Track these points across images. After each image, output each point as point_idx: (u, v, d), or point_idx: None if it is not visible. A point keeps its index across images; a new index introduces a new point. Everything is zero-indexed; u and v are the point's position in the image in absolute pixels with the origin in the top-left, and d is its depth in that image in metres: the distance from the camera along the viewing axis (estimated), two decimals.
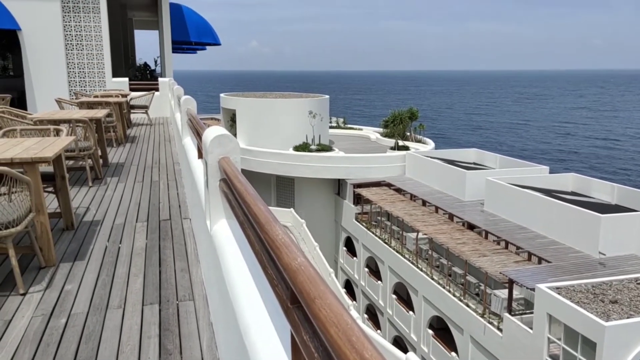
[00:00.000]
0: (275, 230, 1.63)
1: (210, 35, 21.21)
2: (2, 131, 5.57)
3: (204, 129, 4.59)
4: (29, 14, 15.53)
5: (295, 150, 24.84)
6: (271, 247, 1.58)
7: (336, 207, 25.38)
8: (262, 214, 1.83)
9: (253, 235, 2.02)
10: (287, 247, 1.47)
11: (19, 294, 3.63)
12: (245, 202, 2.11)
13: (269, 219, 1.75)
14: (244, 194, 2.18)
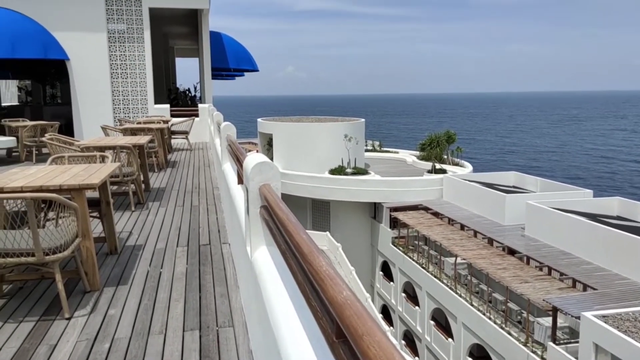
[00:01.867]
0: (319, 262, 1.62)
1: (248, 61, 21.66)
2: (51, 158, 5.78)
3: (244, 156, 4.66)
4: (77, 44, 16.22)
5: (331, 174, 24.90)
6: (315, 279, 1.57)
7: (372, 231, 25.21)
8: (305, 243, 1.83)
9: (295, 264, 2.02)
10: (331, 280, 1.46)
11: (65, 318, 3.71)
12: (287, 230, 2.12)
13: (312, 250, 1.75)
14: (285, 222, 2.18)
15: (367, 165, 27.52)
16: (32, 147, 11.96)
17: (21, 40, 14.89)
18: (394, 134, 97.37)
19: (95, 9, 16.33)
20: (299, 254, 1.83)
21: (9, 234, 3.71)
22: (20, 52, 14.84)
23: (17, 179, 4.31)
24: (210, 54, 18.16)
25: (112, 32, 16.55)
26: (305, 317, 1.99)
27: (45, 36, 15.61)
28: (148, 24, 16.71)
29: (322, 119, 30.38)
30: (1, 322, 3.65)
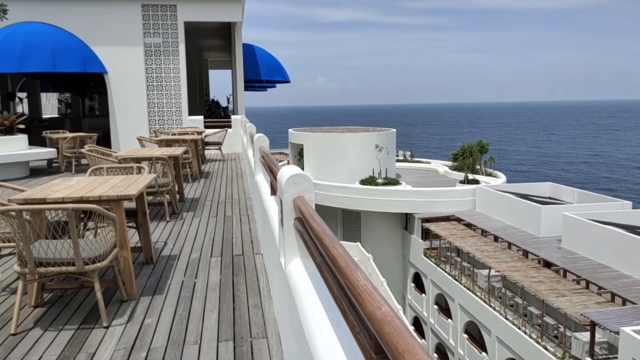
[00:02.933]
0: (356, 276, 1.62)
1: (280, 73, 21.89)
2: (91, 169, 5.94)
3: (278, 167, 4.70)
4: (115, 58, 16.69)
5: (361, 184, 24.84)
6: (352, 293, 1.57)
7: (404, 242, 24.99)
8: (342, 257, 1.84)
9: (331, 278, 2.02)
10: (369, 295, 1.46)
11: (103, 327, 3.79)
12: (322, 243, 2.12)
13: (349, 264, 1.75)
14: (321, 235, 2.19)
15: (398, 175, 27.37)
16: (72, 158, 12.31)
17: (62, 54, 15.40)
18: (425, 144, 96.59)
19: (133, 23, 16.79)
20: (336, 268, 1.83)
21: (51, 244, 3.82)
22: (61, 66, 15.34)
23: (58, 190, 4.44)
24: (243, 65, 18.41)
25: (149, 45, 16.97)
26: (342, 331, 1.98)
27: (85, 50, 16.11)
28: (183, 37, 17.08)
29: (353, 129, 30.38)
30: (42, 330, 3.75)
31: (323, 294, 2.55)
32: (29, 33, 15.46)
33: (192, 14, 17.06)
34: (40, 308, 4.16)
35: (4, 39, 15.15)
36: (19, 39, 15.20)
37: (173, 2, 16.87)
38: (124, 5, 16.65)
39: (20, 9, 15.50)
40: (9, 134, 11.85)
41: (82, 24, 16.40)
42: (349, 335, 1.69)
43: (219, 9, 17.09)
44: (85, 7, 16.48)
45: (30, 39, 15.24)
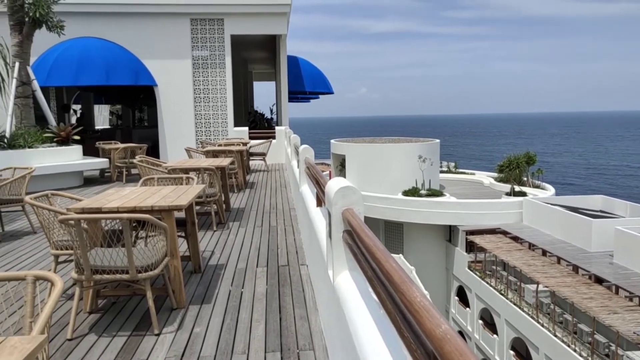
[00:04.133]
0: (412, 292, 1.61)
1: (324, 84, 22.04)
2: (142, 180, 6.12)
3: (325, 179, 4.73)
4: (164, 71, 17.22)
5: (404, 195, 24.62)
6: (409, 310, 1.56)
7: (447, 254, 24.58)
8: (396, 272, 1.83)
9: (384, 293, 2.01)
10: (427, 312, 1.45)
11: (154, 334, 3.88)
12: (375, 257, 2.12)
13: (403, 279, 1.74)
14: (373, 249, 2.19)
15: (442, 186, 26.99)
16: (123, 168, 12.72)
17: (115, 68, 16.00)
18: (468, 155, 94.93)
19: (182, 37, 17.29)
20: (390, 283, 1.83)
21: (106, 252, 3.94)
22: (114, 80, 15.93)
23: (113, 200, 4.60)
24: (287, 77, 18.64)
25: (197, 58, 17.43)
26: (395, 348, 1.97)
27: (136, 64, 16.68)
28: (229, 50, 17.46)
29: (396, 140, 30.21)
30: (96, 336, 3.87)
31: (373, 308, 2.54)
32: (85, 48, 16.13)
33: (239, 27, 17.43)
34: (95, 314, 4.30)
35: (61, 53, 15.86)
36: (75, 53, 15.88)
37: (220, 16, 17.28)
38: (174, 20, 17.17)
39: (76, 25, 16.20)
40: (65, 144, 12.35)
41: (134, 38, 17.01)
42: (402, 351, 1.68)
43: (264, 22, 17.40)
44: (138, 23, 17.08)
45: (85, 54, 15.89)
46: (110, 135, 19.74)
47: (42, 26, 12.89)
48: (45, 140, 12.16)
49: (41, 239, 7.07)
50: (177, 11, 17.06)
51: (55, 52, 15.98)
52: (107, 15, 16.90)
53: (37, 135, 12.08)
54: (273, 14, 17.36)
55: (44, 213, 4.58)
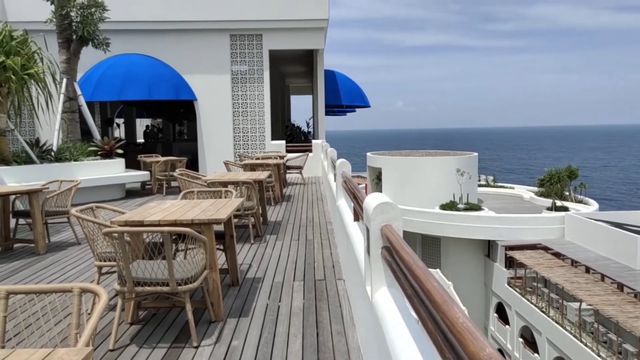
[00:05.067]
0: (454, 313, 1.59)
1: (361, 98, 22.08)
2: (183, 193, 6.25)
3: (361, 193, 4.72)
4: (204, 86, 17.60)
5: (442, 209, 24.29)
6: (451, 331, 1.54)
7: (486, 270, 24.06)
8: (437, 292, 1.80)
9: (424, 312, 1.98)
10: (471, 334, 1.42)
11: (193, 347, 3.93)
12: (415, 276, 2.10)
13: (445, 299, 1.71)
14: (413, 267, 2.17)
15: (481, 200, 26.53)
16: (163, 180, 13.00)
17: (157, 83, 16.45)
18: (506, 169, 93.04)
19: (221, 53, 17.66)
20: (430, 302, 1.80)
21: (148, 264, 4.03)
22: (156, 95, 16.37)
23: (155, 213, 4.70)
24: (325, 91, 18.76)
25: (236, 73, 17.75)
26: None
27: (177, 79, 17.11)
28: (268, 64, 17.72)
29: (433, 153, 29.92)
30: (137, 347, 3.94)
31: (412, 326, 2.51)
32: (128, 64, 16.65)
33: (277, 42, 17.68)
34: (136, 325, 4.38)
35: (106, 70, 16.41)
36: (119, 69, 16.41)
37: (259, 31, 17.58)
38: (214, 36, 17.57)
39: (120, 42, 16.76)
40: (109, 157, 12.72)
41: (175, 54, 17.46)
42: None
43: (302, 37, 17.60)
44: (179, 39, 17.55)
45: (129, 70, 16.41)
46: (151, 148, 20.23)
47: (89, 44, 13.38)
48: (89, 154, 12.56)
49: (85, 250, 7.27)
50: (218, 27, 17.45)
51: (100, 69, 16.55)
52: (150, 32, 17.42)
53: (82, 149, 12.49)
54: (311, 29, 17.55)
55: (89, 225, 4.71)
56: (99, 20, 13.22)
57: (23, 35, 10.72)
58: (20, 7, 16.85)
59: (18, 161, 10.87)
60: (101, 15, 13.22)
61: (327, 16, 17.33)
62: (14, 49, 10.22)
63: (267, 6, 17.34)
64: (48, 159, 11.62)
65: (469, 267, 24.20)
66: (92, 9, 13.04)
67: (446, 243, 24.53)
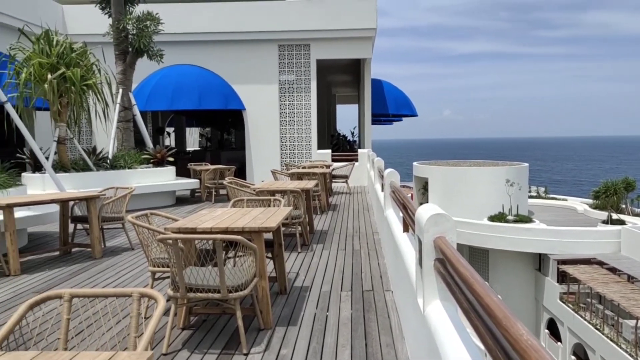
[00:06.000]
0: (517, 329, 1.54)
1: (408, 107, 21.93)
2: (233, 201, 6.35)
3: (412, 204, 4.67)
4: (252, 96, 17.91)
5: (490, 221, 23.71)
6: (514, 348, 1.49)
7: (536, 284, 23.30)
8: (498, 307, 1.76)
9: (483, 327, 1.93)
10: (537, 352, 1.37)
11: (242, 354, 3.96)
12: (473, 290, 2.05)
13: (506, 314, 1.67)
14: (470, 281, 2.12)
15: (531, 212, 25.75)
16: (212, 188, 13.25)
17: (207, 93, 16.85)
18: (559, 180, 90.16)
19: (270, 63, 17.95)
20: (490, 318, 1.76)
21: (200, 271, 4.10)
22: (206, 104, 16.76)
23: (206, 221, 4.79)
24: (371, 100, 18.73)
25: (283, 82, 17.98)
26: None
27: (226, 89, 17.48)
28: (315, 74, 17.86)
29: (481, 163, 29.30)
30: (189, 352, 4.01)
31: (467, 341, 2.45)
32: (180, 74, 17.13)
33: (325, 52, 17.81)
34: (187, 330, 4.46)
35: (159, 80, 16.94)
36: (171, 80, 16.91)
37: (307, 41, 17.76)
38: (263, 46, 17.87)
39: (173, 53, 17.28)
40: (160, 165, 13.08)
41: (225, 64, 17.86)
42: None
43: (350, 47, 17.67)
44: (229, 50, 17.95)
45: (180, 80, 16.88)
46: (200, 156, 20.68)
47: (144, 55, 13.85)
48: (142, 162, 12.95)
49: (138, 255, 7.49)
50: (266, 38, 17.74)
51: (154, 79, 17.10)
52: (201, 43, 17.89)
53: (136, 157, 12.89)
54: (358, 39, 17.60)
55: (144, 232, 4.85)
56: (154, 32, 13.66)
57: (82, 47, 11.19)
58: (79, 21, 17.66)
59: (76, 168, 11.32)
60: (155, 28, 13.67)
61: (375, 25, 17.33)
62: (74, 61, 10.68)
63: (315, 16, 17.52)
64: (104, 166, 12.05)
65: (518, 281, 23.50)
66: (147, 22, 13.49)
67: (495, 255, 23.91)
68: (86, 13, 17.40)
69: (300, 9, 17.64)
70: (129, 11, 14.12)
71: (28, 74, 10.28)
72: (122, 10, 13.85)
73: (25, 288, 5.93)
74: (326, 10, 17.54)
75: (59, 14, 17.58)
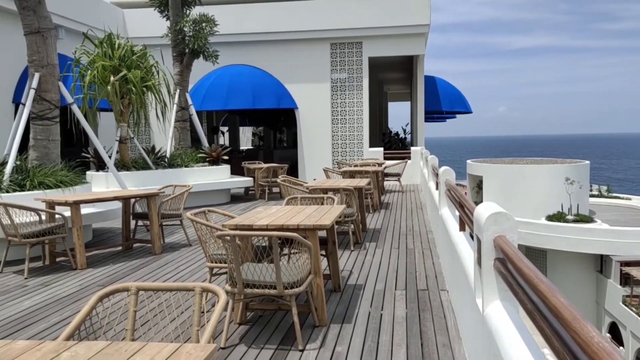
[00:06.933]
0: (587, 331, 1.49)
1: (462, 104, 21.51)
2: (287, 199, 6.42)
3: (469, 202, 4.58)
4: (305, 94, 18.05)
5: (548, 220, 22.93)
6: (584, 351, 1.44)
7: (598, 287, 22.37)
8: (565, 308, 1.70)
9: (549, 329, 1.88)
10: (609, 355, 1.32)
11: (298, 350, 4.01)
12: (538, 290, 2.00)
13: (575, 316, 1.62)
14: (535, 281, 2.06)
15: (592, 212, 24.73)
16: (265, 186, 13.44)
17: (260, 93, 17.11)
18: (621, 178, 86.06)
19: (322, 62, 18.03)
20: (558, 320, 1.71)
21: (257, 267, 4.17)
22: (259, 104, 17.02)
23: (262, 218, 4.86)
24: (424, 97, 18.49)
25: (335, 81, 18.02)
26: None
27: (279, 88, 17.69)
28: (367, 72, 17.80)
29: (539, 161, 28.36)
30: (246, 347, 4.09)
31: (530, 343, 2.39)
32: (234, 74, 17.47)
33: (377, 49, 17.72)
34: (244, 325, 4.55)
35: (214, 80, 17.33)
36: (226, 80, 17.26)
37: (359, 39, 17.73)
38: (315, 45, 17.97)
39: (227, 54, 17.64)
40: (216, 164, 13.38)
41: (277, 64, 18.08)
42: None
43: (403, 44, 17.51)
44: (281, 49, 18.15)
45: (234, 80, 17.22)
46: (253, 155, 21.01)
47: (200, 56, 14.20)
48: (198, 160, 13.29)
49: (195, 251, 7.69)
50: (319, 37, 17.82)
51: (209, 79, 17.51)
52: (254, 43, 18.18)
53: (192, 156, 13.25)
54: (411, 35, 17.40)
55: (202, 228, 4.98)
56: (209, 34, 13.98)
57: (142, 50, 11.58)
58: (139, 24, 18.30)
59: (136, 167, 11.74)
60: (211, 29, 13.99)
61: (429, 21, 17.09)
62: (134, 63, 11.08)
63: (368, 14, 17.45)
64: (162, 165, 12.44)
65: (579, 283, 22.63)
66: (202, 24, 13.82)
67: (553, 256, 23.12)
68: (145, 16, 18.02)
69: (352, 7, 17.61)
70: (186, 14, 14.51)
71: (92, 76, 10.75)
72: (180, 12, 14.25)
73: (91, 281, 6.21)
74: (379, 7, 17.44)
75: (120, 18, 18.28)
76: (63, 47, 14.17)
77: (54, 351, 1.95)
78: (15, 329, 4.67)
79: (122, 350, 1.93)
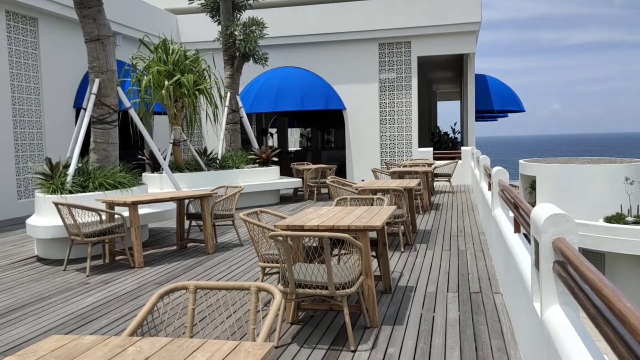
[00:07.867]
0: None
1: (514, 102, 20.97)
2: (336, 199, 6.44)
3: (525, 203, 4.47)
4: (352, 95, 18.04)
5: (606, 222, 21.98)
6: None
7: None
8: (632, 313, 1.64)
9: (614, 335, 1.82)
10: None
11: (350, 350, 4.02)
12: (601, 295, 1.93)
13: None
14: (599, 285, 2.00)
15: None
16: (314, 187, 13.53)
17: (309, 94, 17.23)
18: None
19: (370, 61, 17.97)
20: (624, 325, 1.65)
21: (309, 267, 4.21)
22: (308, 105, 17.14)
23: (313, 218, 4.90)
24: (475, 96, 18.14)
25: (383, 81, 17.93)
26: None
27: (327, 90, 17.75)
28: (416, 71, 17.62)
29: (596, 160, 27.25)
30: (298, 346, 4.14)
31: (592, 348, 2.32)
32: (283, 76, 17.66)
33: (426, 48, 17.52)
34: (296, 325, 4.60)
35: (263, 83, 17.58)
36: (275, 82, 17.48)
37: (408, 39, 17.57)
38: (363, 46, 17.94)
39: (276, 56, 17.86)
40: (265, 165, 13.58)
41: (326, 66, 18.15)
42: None
43: (452, 42, 17.24)
44: (330, 51, 18.22)
45: (283, 82, 17.41)
46: (301, 156, 21.16)
47: (250, 59, 14.44)
48: (249, 162, 13.51)
49: (247, 251, 7.83)
50: (367, 37, 17.78)
51: (259, 82, 17.77)
52: (303, 45, 18.32)
53: (243, 157, 13.48)
54: (461, 33, 17.11)
55: (254, 228, 5.06)
56: (259, 37, 14.20)
57: (195, 54, 11.88)
58: (192, 29, 18.77)
59: (189, 168, 12.06)
60: (261, 33, 14.19)
61: (480, 19, 16.76)
62: (187, 67, 11.38)
63: (417, 13, 17.28)
64: (214, 166, 12.72)
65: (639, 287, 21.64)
66: (252, 27, 14.05)
67: (612, 260, 22.15)
68: (198, 22, 18.47)
69: (401, 6, 17.47)
70: (237, 18, 14.78)
71: (148, 81, 11.11)
72: (230, 17, 14.53)
73: (148, 279, 6.43)
74: (428, 6, 17.24)
75: (173, 23, 18.81)
76: (120, 53, 14.72)
77: (120, 346, 2.04)
78: (80, 324, 4.89)
79: (184, 347, 2.00)
